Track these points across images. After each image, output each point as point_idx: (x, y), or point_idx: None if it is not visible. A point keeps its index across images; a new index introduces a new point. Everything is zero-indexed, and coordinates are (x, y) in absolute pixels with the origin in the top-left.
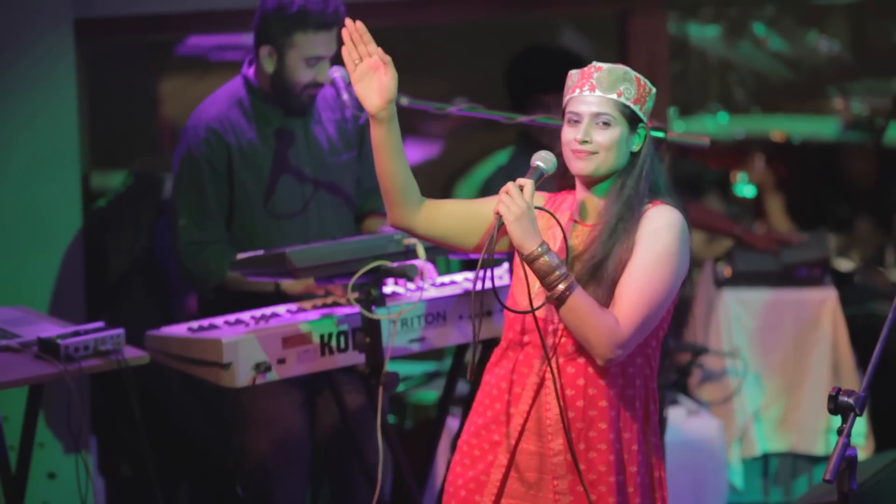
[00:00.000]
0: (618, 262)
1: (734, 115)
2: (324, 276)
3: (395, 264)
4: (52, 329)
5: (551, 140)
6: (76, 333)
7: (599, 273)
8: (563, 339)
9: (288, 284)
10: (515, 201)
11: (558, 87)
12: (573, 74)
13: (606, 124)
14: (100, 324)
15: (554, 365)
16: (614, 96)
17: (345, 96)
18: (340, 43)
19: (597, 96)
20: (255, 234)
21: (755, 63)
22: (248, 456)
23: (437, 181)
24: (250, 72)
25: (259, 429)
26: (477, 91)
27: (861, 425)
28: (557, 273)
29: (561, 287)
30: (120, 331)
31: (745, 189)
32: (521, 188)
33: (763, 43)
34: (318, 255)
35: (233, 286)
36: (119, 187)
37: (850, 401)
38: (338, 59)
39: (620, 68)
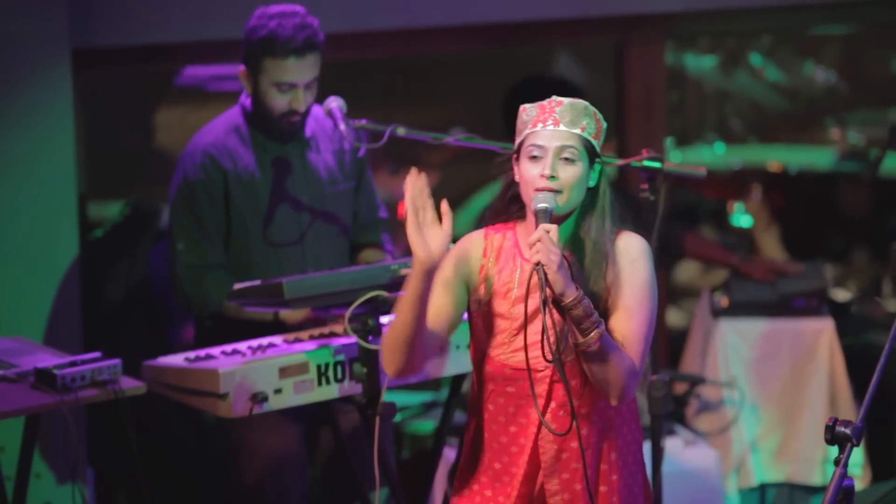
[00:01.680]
0: (602, 298)
1: (731, 145)
2: (320, 307)
3: (391, 294)
4: (48, 359)
5: None
6: (73, 364)
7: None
8: (554, 384)
9: (287, 313)
10: (552, 249)
11: None
12: (530, 109)
13: (570, 159)
14: (96, 354)
15: (549, 410)
16: (578, 131)
17: (342, 126)
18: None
19: (561, 131)
20: (252, 263)
21: (752, 93)
22: (244, 486)
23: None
24: (248, 100)
25: (256, 459)
26: (473, 121)
27: (858, 455)
28: (592, 318)
29: (595, 333)
30: (116, 361)
31: (741, 219)
32: (549, 233)
33: (760, 73)
34: (315, 285)
35: (231, 313)
36: (116, 218)
37: (847, 431)
38: (322, 89)
39: (581, 103)
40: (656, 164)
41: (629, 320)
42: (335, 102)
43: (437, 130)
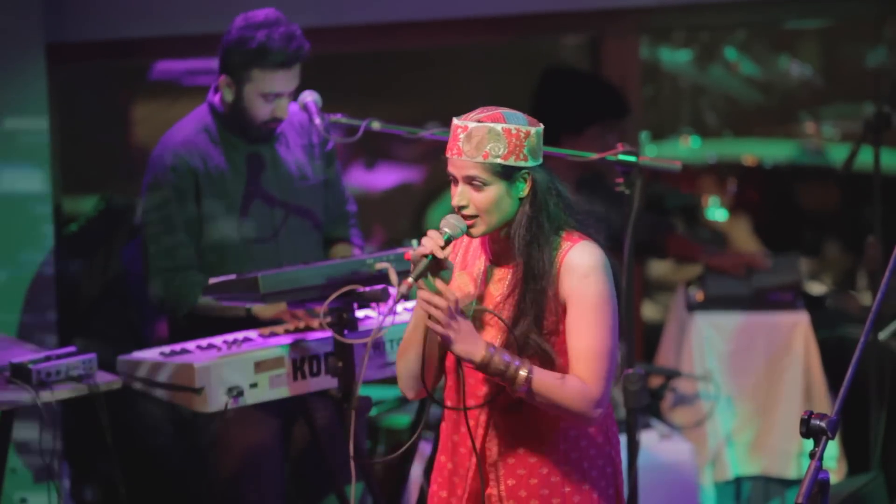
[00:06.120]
0: (551, 309)
1: (706, 139)
2: (295, 301)
3: (366, 289)
4: (23, 354)
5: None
6: (48, 358)
7: (540, 325)
8: (500, 395)
9: (259, 309)
10: (454, 324)
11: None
12: (451, 128)
13: (479, 187)
14: (72, 349)
15: (491, 424)
16: (480, 159)
17: (317, 120)
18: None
19: (463, 161)
20: (227, 260)
21: (727, 87)
22: (220, 481)
23: (412, 204)
24: (216, 98)
25: (232, 454)
26: (449, 115)
27: (833, 449)
28: (513, 366)
29: (522, 375)
30: (92, 355)
31: (716, 213)
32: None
33: (735, 67)
34: (290, 279)
35: (204, 312)
36: (91, 212)
37: (823, 424)
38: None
39: (484, 127)
40: (631, 158)
41: (583, 340)
42: (310, 97)
43: (412, 125)
